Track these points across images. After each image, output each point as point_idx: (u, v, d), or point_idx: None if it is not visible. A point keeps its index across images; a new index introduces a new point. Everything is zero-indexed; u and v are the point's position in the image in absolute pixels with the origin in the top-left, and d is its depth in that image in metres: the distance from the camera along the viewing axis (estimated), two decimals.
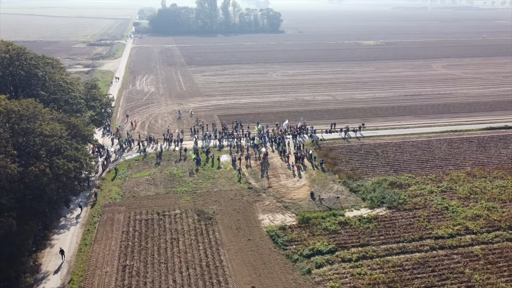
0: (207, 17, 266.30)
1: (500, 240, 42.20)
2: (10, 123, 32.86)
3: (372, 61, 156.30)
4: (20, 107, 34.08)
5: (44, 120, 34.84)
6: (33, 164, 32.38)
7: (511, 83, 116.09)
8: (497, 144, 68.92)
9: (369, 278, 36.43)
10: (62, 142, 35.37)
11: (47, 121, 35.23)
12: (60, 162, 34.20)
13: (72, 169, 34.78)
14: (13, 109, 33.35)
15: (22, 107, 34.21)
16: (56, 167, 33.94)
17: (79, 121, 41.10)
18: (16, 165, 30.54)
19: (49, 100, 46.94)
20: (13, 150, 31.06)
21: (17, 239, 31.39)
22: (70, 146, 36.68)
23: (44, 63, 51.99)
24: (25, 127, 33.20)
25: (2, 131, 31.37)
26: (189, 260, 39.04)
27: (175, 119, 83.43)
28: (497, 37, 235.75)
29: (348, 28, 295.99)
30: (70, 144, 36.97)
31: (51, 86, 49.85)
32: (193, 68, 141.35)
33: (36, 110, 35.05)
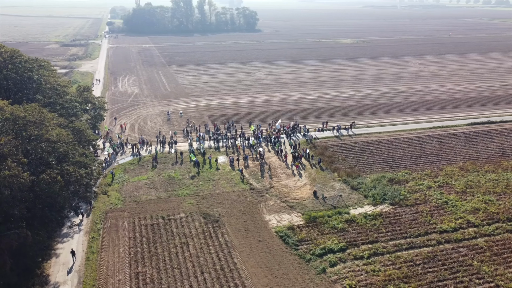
0: (183, 16, 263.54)
1: (501, 232, 43.75)
2: (17, 129, 31.42)
3: (352, 59, 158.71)
4: (26, 113, 32.65)
5: (49, 126, 33.52)
6: (44, 172, 31.12)
7: (486, 80, 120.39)
8: (483, 139, 71.36)
9: (384, 274, 37.03)
10: (70, 148, 34.15)
11: (51, 126, 33.92)
12: (71, 169, 33.01)
13: (84, 176, 33.66)
14: (19, 115, 31.91)
15: (27, 112, 32.78)
16: (67, 174, 32.75)
17: (83, 126, 39.83)
18: (28, 174, 29.26)
19: (45, 104, 45.13)
20: (23, 158, 29.74)
21: (30, 251, 30.11)
22: (77, 152, 35.46)
23: (38, 66, 50.03)
24: (32, 133, 31.84)
25: (11, 138, 29.97)
26: (202, 264, 38.56)
27: (165, 120, 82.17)
28: (466, 35, 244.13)
29: (323, 27, 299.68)
30: (77, 150, 35.74)
31: (46, 89, 48.04)
32: (175, 68, 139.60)
33: (42, 116, 33.69)
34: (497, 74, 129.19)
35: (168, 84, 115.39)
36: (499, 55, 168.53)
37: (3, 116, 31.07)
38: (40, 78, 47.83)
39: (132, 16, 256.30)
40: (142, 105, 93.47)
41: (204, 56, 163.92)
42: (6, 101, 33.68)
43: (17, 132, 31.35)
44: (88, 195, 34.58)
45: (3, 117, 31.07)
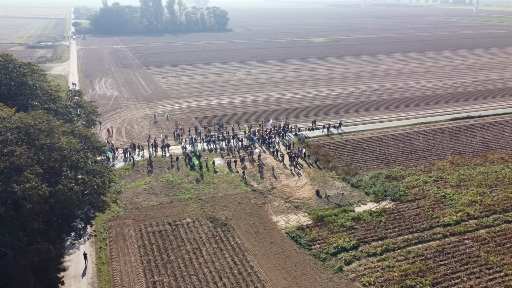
0: (152, 16, 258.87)
1: (500, 222, 45.70)
2: (29, 139, 29.79)
3: (327, 58, 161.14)
4: (35, 121, 31.00)
5: (59, 133, 32.01)
6: (59, 182, 29.69)
7: (458, 76, 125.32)
8: (466, 134, 74.27)
9: (399, 269, 37.85)
10: (81, 156, 32.77)
11: (60, 134, 32.41)
12: (86, 178, 31.66)
13: (101, 185, 32.38)
14: (29, 124, 30.26)
15: (36, 120, 31.14)
16: (82, 183, 31.39)
17: (90, 133, 38.31)
18: (46, 185, 27.83)
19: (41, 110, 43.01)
20: (39, 169, 28.25)
21: (51, 265, 28.65)
22: (89, 160, 34.07)
23: (31, 71, 47.62)
24: (44, 142, 30.27)
25: (27, 148, 28.37)
26: (219, 269, 38.06)
27: (152, 123, 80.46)
28: (432, 33, 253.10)
29: (293, 26, 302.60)
30: (89, 158, 34.33)
31: (40, 95, 45.82)
32: (151, 69, 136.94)
33: (50, 123, 32.11)
34: (467, 70, 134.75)
35: (147, 86, 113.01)
36: (465, 52, 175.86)
37: (13, 125, 29.37)
38: (35, 83, 45.59)
39: (100, 16, 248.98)
40: (125, 108, 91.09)
41: (179, 57, 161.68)
42: (11, 109, 31.84)
43: (28, 141, 29.75)
44: (103, 205, 33.31)
45: (13, 126, 29.38)
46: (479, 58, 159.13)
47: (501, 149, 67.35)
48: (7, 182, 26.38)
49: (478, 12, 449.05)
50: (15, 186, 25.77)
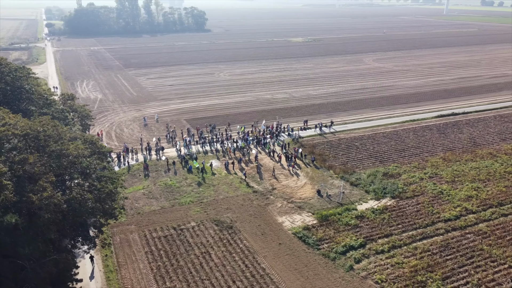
0: (129, 17, 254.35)
1: (497, 216, 47.17)
2: (39, 145, 28.65)
3: (309, 57, 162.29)
4: (43, 127, 29.83)
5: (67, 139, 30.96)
6: (73, 190, 28.69)
7: (437, 74, 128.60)
8: (453, 130, 76.30)
9: (408, 266, 38.52)
10: (90, 161, 31.79)
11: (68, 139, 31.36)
12: (98, 185, 30.72)
13: (114, 192, 31.48)
14: (38, 130, 29.09)
15: (44, 126, 29.98)
16: (95, 190, 30.44)
17: (95, 138, 37.18)
18: (60, 193, 26.84)
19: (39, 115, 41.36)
20: (52, 177, 27.22)
21: (68, 277, 27.62)
22: (98, 166, 33.09)
23: (27, 74, 45.82)
24: (54, 149, 29.18)
25: (39, 155, 27.25)
26: (231, 273, 37.76)
27: (142, 126, 79.03)
28: (407, 32, 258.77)
29: (271, 26, 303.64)
30: (98, 164, 33.33)
31: (36, 99, 44.17)
32: (133, 71, 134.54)
33: (58, 129, 31.01)
34: (445, 68, 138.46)
35: (132, 88, 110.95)
36: (441, 50, 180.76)
37: (21, 131, 28.19)
38: (31, 87, 43.90)
39: (74, 17, 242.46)
40: (111, 111, 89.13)
41: (161, 58, 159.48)
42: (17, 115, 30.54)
43: (37, 148, 28.62)
44: (115, 212, 32.41)
45: (21, 132, 28.19)
46: (455, 56, 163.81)
47: (488, 144, 69.52)
48: (22, 192, 25.32)
49: (448, 12, 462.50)
50: (32, 196, 24.75)
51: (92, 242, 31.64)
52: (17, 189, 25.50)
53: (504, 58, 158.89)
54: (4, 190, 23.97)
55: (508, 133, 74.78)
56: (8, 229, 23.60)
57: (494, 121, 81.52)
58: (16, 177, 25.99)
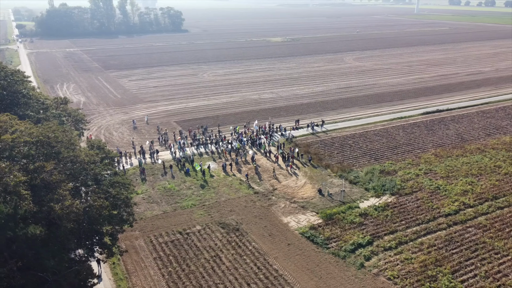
0: (103, 17, 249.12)
1: (494, 209, 48.68)
2: (53, 152, 27.50)
3: (290, 57, 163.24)
4: (55, 133, 28.68)
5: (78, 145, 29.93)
6: (90, 197, 27.73)
7: (417, 72, 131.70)
8: (440, 127, 78.30)
9: (417, 261, 39.23)
10: (101, 167, 30.84)
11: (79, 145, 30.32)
12: (114, 192, 29.80)
13: (130, 198, 30.60)
14: (49, 135, 27.95)
15: (56, 132, 28.83)
16: (111, 197, 29.51)
17: (101, 142, 36.05)
18: (79, 201, 25.88)
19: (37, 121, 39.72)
20: (68, 184, 26.22)
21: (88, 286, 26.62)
22: (110, 172, 32.12)
23: (23, 78, 43.96)
24: (68, 155, 28.11)
25: (56, 163, 26.16)
26: (244, 276, 37.47)
27: (131, 129, 77.48)
28: (382, 31, 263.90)
29: (248, 26, 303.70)
30: (110, 169, 32.35)
31: (34, 104, 42.46)
32: (114, 73, 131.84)
33: (68, 135, 29.92)
34: (424, 66, 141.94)
35: (115, 90, 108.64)
36: (417, 49, 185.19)
37: (33, 138, 27.00)
38: (28, 92, 42.16)
39: (47, 18, 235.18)
40: (97, 115, 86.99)
41: (140, 59, 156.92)
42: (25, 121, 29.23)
43: (51, 155, 27.48)
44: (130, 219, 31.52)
45: (34, 139, 27.00)
46: (430, 54, 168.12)
47: (475, 139, 71.68)
48: (40, 201, 24.30)
49: (419, 11, 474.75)
50: (54, 205, 23.78)
51: (110, 251, 30.67)
52: (34, 198, 24.45)
53: (477, 56, 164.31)
54: (24, 200, 22.93)
55: (492, 128, 77.36)
56: (30, 240, 22.58)
57: (477, 117, 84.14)
58: (32, 186, 24.90)
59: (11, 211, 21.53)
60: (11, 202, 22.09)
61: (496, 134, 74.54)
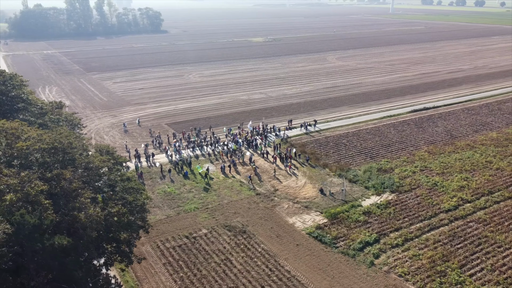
0: (80, 18, 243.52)
1: (491, 203, 50.08)
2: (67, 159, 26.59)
3: (274, 57, 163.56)
4: (68, 139, 27.74)
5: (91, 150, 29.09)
6: (108, 204, 26.91)
7: (399, 70, 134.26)
8: (429, 124, 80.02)
9: (425, 257, 39.94)
10: (114, 173, 30.06)
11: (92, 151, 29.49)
12: (130, 198, 29.06)
13: (146, 203, 29.91)
14: (63, 142, 27.00)
15: (69, 138, 27.88)
16: (128, 203, 28.75)
17: (110, 147, 35.10)
18: (100, 209, 25.12)
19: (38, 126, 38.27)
20: (88, 191, 25.41)
21: None
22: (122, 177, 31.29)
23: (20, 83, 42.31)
24: (83, 162, 27.24)
25: (72, 170, 25.28)
26: (257, 278, 37.30)
27: (122, 132, 75.99)
28: (360, 30, 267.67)
29: (228, 26, 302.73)
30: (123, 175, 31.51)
31: (33, 109, 40.95)
32: (97, 75, 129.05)
33: (81, 141, 29.03)
34: (405, 65, 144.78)
35: (100, 93, 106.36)
36: (396, 48, 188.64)
37: (48, 145, 26.02)
38: (27, 96, 40.64)
39: (21, 19, 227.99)
40: (85, 118, 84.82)
41: (122, 61, 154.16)
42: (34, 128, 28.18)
43: (66, 162, 26.57)
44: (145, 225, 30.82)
45: (48, 146, 26.03)
46: (410, 53, 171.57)
47: (464, 136, 73.57)
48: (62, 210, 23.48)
49: (394, 10, 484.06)
50: (79, 214, 23.00)
51: (129, 259, 29.90)
52: (54, 207, 23.62)
53: (455, 54, 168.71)
54: (47, 210, 22.10)
55: (478, 125, 79.59)
56: (55, 251, 21.77)
57: (463, 114, 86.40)
58: (51, 195, 24.05)
59: (37, 221, 20.72)
60: (35, 212, 21.24)
61: (483, 130, 76.72)
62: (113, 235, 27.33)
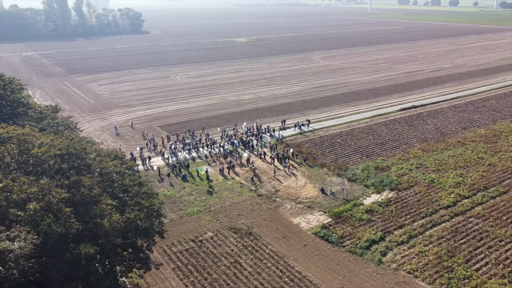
0: (58, 19, 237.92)
1: (488, 199, 51.32)
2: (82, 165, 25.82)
3: (259, 57, 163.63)
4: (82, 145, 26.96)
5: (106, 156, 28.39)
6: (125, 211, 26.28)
7: (384, 69, 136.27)
8: (419, 122, 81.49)
9: (431, 253, 40.62)
10: (127, 178, 29.42)
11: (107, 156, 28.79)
12: (146, 203, 28.43)
13: (161, 207, 29.32)
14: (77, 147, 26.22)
15: (83, 144, 27.11)
16: (145, 208, 28.12)
17: (118, 152, 34.32)
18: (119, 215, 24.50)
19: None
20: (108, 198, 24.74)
21: None
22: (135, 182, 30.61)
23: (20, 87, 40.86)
24: (98, 167, 26.52)
25: (89, 177, 24.56)
26: (269, 280, 37.18)
27: (114, 136, 74.59)
28: (341, 30, 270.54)
29: (210, 27, 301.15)
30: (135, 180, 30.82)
31: (32, 114, 39.62)
32: (80, 77, 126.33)
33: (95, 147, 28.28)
34: (389, 64, 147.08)
35: (86, 95, 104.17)
36: (378, 47, 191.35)
37: (62, 151, 25.20)
38: (27, 101, 39.32)
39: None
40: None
41: (106, 62, 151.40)
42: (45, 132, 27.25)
43: (81, 168, 25.81)
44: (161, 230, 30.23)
45: (63, 152, 25.21)
46: (392, 53, 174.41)
47: (453, 133, 75.21)
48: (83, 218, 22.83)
49: (372, 10, 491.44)
50: (102, 221, 22.38)
51: (147, 266, 29.29)
52: (75, 215, 22.93)
53: (436, 53, 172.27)
54: (70, 219, 21.43)
55: (466, 122, 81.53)
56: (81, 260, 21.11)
57: (450, 111, 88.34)
58: (71, 202, 23.34)
59: (63, 230, 20.03)
60: (60, 221, 20.54)
61: (471, 127, 78.63)
62: (130, 242, 26.73)
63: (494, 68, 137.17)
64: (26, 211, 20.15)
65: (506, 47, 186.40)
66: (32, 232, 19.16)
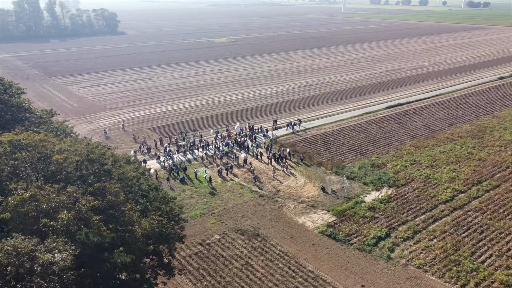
0: (30, 20, 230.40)
1: (483, 192, 52.81)
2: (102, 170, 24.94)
3: (240, 57, 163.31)
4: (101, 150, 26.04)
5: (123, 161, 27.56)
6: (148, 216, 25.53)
7: (366, 68, 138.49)
8: (407, 119, 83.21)
9: (438, 247, 41.48)
10: (145, 183, 28.68)
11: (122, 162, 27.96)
12: (166, 208, 27.75)
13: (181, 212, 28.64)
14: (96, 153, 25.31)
15: (102, 149, 26.19)
16: (165, 214, 27.43)
17: (126, 156, 33.33)
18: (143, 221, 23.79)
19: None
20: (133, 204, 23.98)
21: None
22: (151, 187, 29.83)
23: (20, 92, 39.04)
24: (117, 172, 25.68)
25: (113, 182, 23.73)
26: (283, 281, 37.07)
27: (103, 139, 72.63)
28: (318, 30, 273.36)
29: (187, 27, 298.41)
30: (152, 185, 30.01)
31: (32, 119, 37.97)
32: (59, 80, 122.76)
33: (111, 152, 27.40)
34: (369, 63, 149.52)
35: (68, 99, 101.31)
36: (357, 46, 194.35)
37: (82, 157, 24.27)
38: (29, 105, 37.64)
39: None
40: None
41: (84, 64, 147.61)
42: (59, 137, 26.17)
43: (102, 174, 24.93)
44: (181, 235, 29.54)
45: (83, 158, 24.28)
46: (371, 51, 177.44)
47: (441, 130, 77.13)
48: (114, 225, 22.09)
49: (346, 10, 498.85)
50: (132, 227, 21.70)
51: (170, 272, 28.60)
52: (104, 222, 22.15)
53: (413, 51, 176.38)
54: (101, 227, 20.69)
55: (451, 118, 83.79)
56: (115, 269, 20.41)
57: (434, 108, 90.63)
58: (98, 209, 22.55)
59: (99, 239, 19.30)
60: (94, 230, 19.77)
61: (457, 123, 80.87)
62: (153, 248, 26.08)
63: (470, 65, 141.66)
64: (59, 221, 19.31)
65: (478, 45, 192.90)
66: (69, 243, 18.36)
